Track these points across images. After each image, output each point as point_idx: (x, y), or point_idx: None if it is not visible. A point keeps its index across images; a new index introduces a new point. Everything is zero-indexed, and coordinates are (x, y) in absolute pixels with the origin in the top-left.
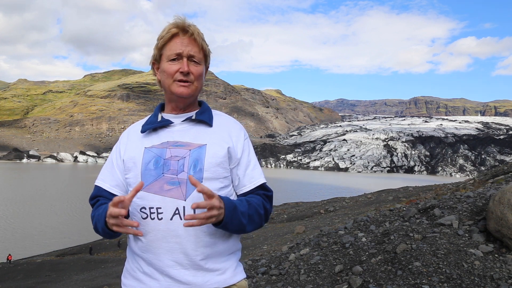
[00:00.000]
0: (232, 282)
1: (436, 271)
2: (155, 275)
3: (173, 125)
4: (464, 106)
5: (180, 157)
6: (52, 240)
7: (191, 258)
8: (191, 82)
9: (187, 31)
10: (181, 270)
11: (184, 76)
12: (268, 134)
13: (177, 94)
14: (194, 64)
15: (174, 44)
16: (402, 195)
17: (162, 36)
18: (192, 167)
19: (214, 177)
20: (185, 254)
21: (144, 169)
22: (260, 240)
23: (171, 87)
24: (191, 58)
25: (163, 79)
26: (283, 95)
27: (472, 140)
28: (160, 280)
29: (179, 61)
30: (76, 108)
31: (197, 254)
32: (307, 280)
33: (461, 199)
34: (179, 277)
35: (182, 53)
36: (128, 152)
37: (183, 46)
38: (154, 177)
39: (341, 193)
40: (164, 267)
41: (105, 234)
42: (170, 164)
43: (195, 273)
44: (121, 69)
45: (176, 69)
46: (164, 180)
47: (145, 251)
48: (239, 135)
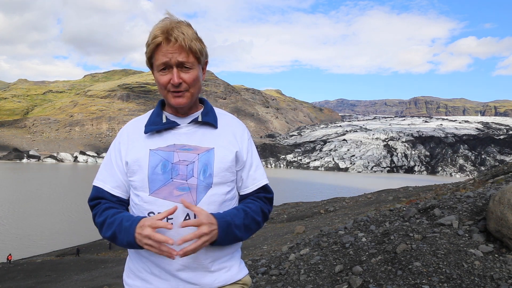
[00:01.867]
0: (238, 278)
1: (436, 271)
2: (164, 275)
3: (179, 127)
4: (464, 106)
5: (189, 161)
6: (52, 240)
7: (200, 262)
8: (185, 91)
9: (170, 40)
10: (190, 273)
11: (176, 87)
12: (268, 134)
13: (175, 105)
14: (185, 70)
15: (160, 54)
16: (402, 195)
17: (148, 44)
18: (202, 172)
19: (222, 182)
20: (195, 259)
21: (152, 173)
22: (260, 240)
23: (167, 98)
24: (181, 65)
25: (158, 89)
26: (283, 95)
27: (472, 140)
28: (169, 281)
29: (170, 70)
30: (76, 108)
31: (206, 258)
32: (307, 280)
33: (461, 199)
34: (188, 279)
35: (170, 61)
36: (131, 153)
37: (169, 54)
38: (162, 182)
39: (341, 193)
40: (173, 271)
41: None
42: (179, 168)
43: (204, 274)
44: (121, 69)
45: (167, 80)
46: (173, 186)
47: (153, 254)
48: (243, 136)
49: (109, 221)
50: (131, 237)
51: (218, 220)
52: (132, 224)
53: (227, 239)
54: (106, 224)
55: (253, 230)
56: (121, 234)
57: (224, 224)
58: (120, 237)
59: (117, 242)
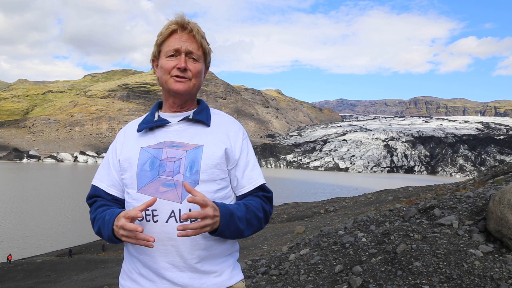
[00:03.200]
0: (229, 284)
1: (436, 271)
2: (151, 276)
3: (169, 125)
4: (464, 106)
5: (176, 158)
6: (52, 240)
7: (186, 261)
8: (188, 79)
9: (186, 27)
10: (177, 273)
11: (181, 72)
12: (268, 134)
13: (174, 90)
14: (192, 61)
15: (172, 40)
16: (402, 195)
17: (162, 33)
18: (188, 169)
19: (210, 179)
20: (180, 257)
21: (140, 170)
22: (260, 240)
23: (168, 83)
24: (189, 54)
25: (161, 74)
26: (283, 95)
27: (472, 140)
28: (156, 282)
29: (177, 57)
30: (76, 108)
31: (193, 257)
32: (307, 280)
33: (461, 199)
34: (175, 280)
35: (180, 48)
36: (124, 152)
37: (182, 42)
38: (149, 179)
39: (341, 193)
40: (160, 270)
41: (111, 241)
42: (166, 165)
43: (191, 276)
44: (122, 69)
45: (173, 65)
46: (159, 182)
47: (141, 252)
48: (238, 135)
49: (98, 217)
50: (110, 230)
51: (221, 208)
52: (111, 217)
53: (229, 230)
54: (95, 220)
55: (255, 226)
56: (104, 228)
57: (227, 213)
58: (103, 232)
59: (103, 237)
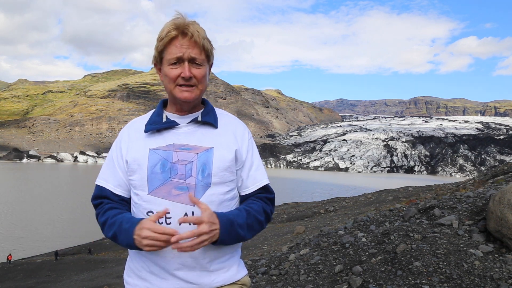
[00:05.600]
0: (237, 278)
1: (436, 271)
2: (162, 274)
3: (178, 127)
4: (464, 106)
5: (187, 161)
6: (52, 240)
7: (199, 261)
8: (194, 86)
9: (186, 34)
10: (188, 272)
11: (186, 81)
12: (268, 134)
13: (181, 99)
14: (196, 66)
15: (174, 48)
16: (402, 195)
17: (162, 38)
18: (200, 172)
19: (221, 182)
20: (193, 258)
21: (151, 172)
22: (260, 240)
23: (173, 92)
24: (192, 60)
25: (166, 83)
26: (283, 95)
27: (472, 140)
28: (168, 280)
29: (180, 64)
30: (76, 108)
31: (204, 257)
32: (307, 280)
33: (461, 199)
34: (187, 278)
35: (183, 56)
36: (131, 152)
37: (183, 49)
38: (161, 181)
39: (341, 193)
40: (171, 270)
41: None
42: (178, 168)
43: (201, 274)
44: (122, 69)
45: (177, 73)
46: (172, 185)
47: (152, 253)
48: (244, 136)
49: (110, 222)
50: (130, 239)
51: (220, 219)
52: (131, 226)
53: (230, 238)
54: (107, 225)
55: (256, 229)
56: (121, 235)
57: (226, 223)
58: (120, 239)
59: (118, 243)
